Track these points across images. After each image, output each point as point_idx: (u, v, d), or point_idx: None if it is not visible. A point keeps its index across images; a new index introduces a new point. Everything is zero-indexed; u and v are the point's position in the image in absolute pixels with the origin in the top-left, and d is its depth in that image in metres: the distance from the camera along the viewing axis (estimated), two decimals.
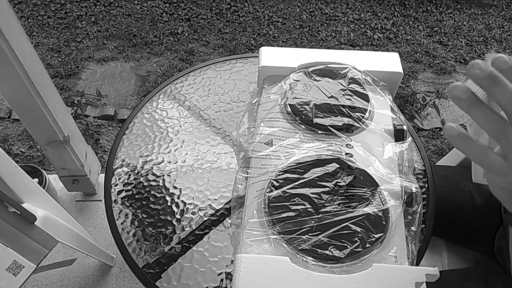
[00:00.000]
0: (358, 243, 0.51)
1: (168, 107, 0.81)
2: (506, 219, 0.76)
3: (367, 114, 0.65)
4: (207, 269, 0.61)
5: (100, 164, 1.47)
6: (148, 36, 2.30)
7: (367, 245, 0.51)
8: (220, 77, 0.88)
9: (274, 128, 0.64)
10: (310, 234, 0.52)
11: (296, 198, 0.55)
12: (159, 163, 0.73)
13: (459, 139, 0.36)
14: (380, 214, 0.54)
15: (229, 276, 0.61)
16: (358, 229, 0.53)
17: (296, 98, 0.67)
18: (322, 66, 0.71)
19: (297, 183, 0.57)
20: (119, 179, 0.71)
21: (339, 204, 0.55)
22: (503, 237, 0.78)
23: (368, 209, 0.54)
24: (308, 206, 0.54)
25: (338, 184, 0.57)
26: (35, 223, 0.70)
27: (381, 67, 0.71)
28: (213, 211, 0.67)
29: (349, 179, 0.58)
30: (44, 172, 1.31)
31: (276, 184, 0.57)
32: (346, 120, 0.64)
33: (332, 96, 0.67)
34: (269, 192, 0.56)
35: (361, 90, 0.68)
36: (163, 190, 0.69)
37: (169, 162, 0.73)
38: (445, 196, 0.84)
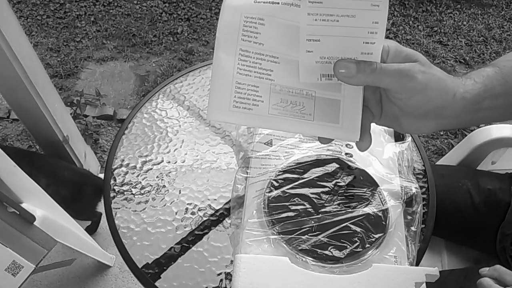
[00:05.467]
0: (358, 243, 0.51)
1: (167, 107, 0.81)
2: None
3: None
4: (206, 269, 0.61)
5: (100, 164, 1.47)
6: (148, 36, 2.30)
7: (367, 245, 0.51)
8: None
9: None
10: (309, 234, 0.52)
11: (296, 198, 0.55)
12: (159, 163, 0.73)
13: None
14: (380, 214, 0.54)
15: (228, 276, 0.60)
16: (358, 229, 0.53)
17: None
18: None
19: (296, 183, 0.57)
20: (119, 179, 0.71)
21: (339, 204, 0.55)
22: (506, 237, 0.78)
23: (368, 209, 0.54)
24: (307, 206, 0.54)
25: (338, 184, 0.57)
26: (34, 223, 0.70)
27: None
28: (213, 211, 0.67)
29: (349, 179, 0.58)
30: None
31: (275, 184, 0.57)
32: None
33: None
34: (269, 192, 0.56)
35: None
36: (163, 190, 0.69)
37: (169, 162, 0.73)
38: (444, 195, 0.84)
